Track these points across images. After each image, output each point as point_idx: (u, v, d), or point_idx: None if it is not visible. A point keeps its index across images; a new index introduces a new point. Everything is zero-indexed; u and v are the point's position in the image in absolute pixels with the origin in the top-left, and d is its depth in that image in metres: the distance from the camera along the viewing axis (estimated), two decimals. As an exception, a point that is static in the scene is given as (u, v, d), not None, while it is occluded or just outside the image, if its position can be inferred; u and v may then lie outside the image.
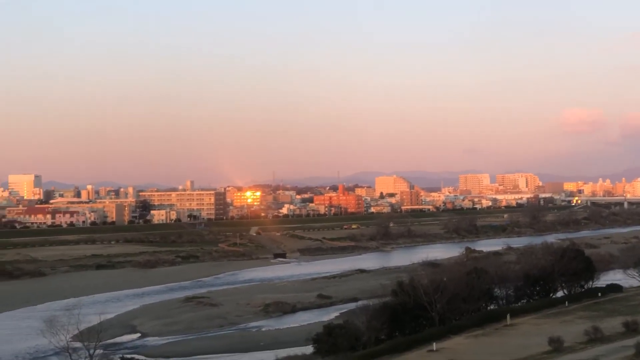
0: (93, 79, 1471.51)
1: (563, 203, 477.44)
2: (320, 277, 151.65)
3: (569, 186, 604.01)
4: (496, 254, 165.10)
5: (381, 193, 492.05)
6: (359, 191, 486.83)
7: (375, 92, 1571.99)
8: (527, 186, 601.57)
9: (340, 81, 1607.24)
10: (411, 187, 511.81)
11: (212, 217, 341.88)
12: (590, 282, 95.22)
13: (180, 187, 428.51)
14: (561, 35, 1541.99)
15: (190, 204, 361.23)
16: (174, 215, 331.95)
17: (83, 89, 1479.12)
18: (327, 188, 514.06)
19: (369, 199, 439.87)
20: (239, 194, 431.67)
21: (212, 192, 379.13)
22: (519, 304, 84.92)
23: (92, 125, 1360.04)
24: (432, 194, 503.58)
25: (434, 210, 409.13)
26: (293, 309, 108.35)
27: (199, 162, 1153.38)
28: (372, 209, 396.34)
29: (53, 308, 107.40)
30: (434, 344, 62.22)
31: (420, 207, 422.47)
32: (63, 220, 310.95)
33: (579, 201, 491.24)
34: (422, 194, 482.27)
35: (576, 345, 60.06)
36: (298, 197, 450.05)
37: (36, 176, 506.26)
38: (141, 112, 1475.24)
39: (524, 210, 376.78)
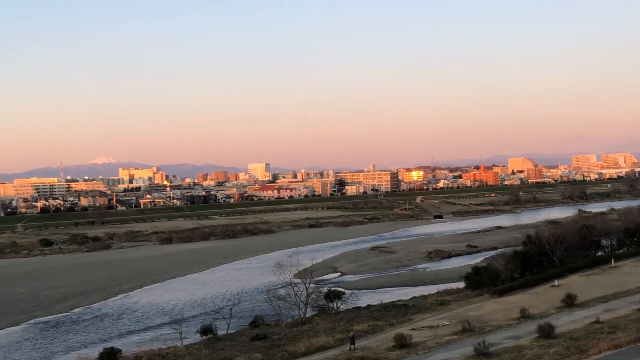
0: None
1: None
2: (468, 232, 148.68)
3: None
4: (602, 213, 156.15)
5: (512, 170, 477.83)
6: (495, 169, 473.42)
7: (518, 91, 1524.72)
8: (625, 163, 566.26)
9: (488, 82, 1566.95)
10: (535, 165, 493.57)
11: (389, 190, 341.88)
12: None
13: (366, 169, 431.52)
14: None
15: (373, 181, 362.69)
16: (361, 189, 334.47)
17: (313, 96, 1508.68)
18: (472, 167, 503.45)
19: (503, 175, 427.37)
20: (407, 173, 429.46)
21: (388, 172, 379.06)
22: (621, 251, 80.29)
23: (305, 124, 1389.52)
24: (551, 170, 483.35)
25: (553, 182, 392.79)
26: (449, 255, 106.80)
27: (379, 150, 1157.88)
28: (506, 182, 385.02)
29: (280, 255, 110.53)
30: (556, 281, 60.02)
31: (542, 180, 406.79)
32: (285, 194, 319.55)
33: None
34: (543, 170, 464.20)
35: (668, 282, 56.27)
36: (450, 174, 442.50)
37: (266, 164, 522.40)
38: (344, 110, 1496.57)
39: (623, 181, 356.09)
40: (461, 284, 64.56)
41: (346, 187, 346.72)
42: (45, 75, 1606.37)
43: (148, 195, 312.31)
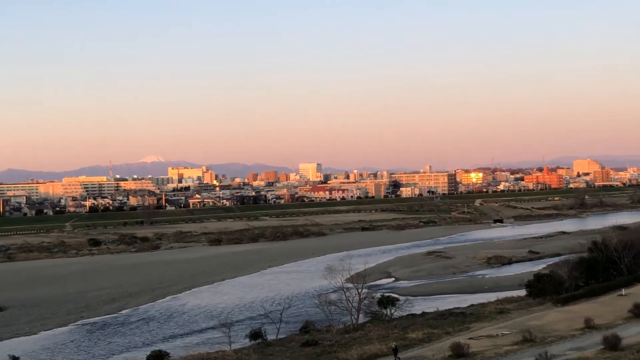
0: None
1: None
2: (530, 237, 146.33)
3: None
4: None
5: (578, 173, 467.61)
6: (560, 171, 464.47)
7: (584, 91, 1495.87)
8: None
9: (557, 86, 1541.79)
10: (602, 167, 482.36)
11: (446, 192, 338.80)
12: None
13: (422, 170, 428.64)
14: None
15: (429, 182, 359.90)
16: (417, 191, 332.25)
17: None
18: (534, 169, 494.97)
19: (568, 177, 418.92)
20: (465, 174, 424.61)
21: (445, 173, 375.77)
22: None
23: (359, 123, 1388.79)
24: (619, 173, 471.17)
25: (621, 185, 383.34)
26: (509, 261, 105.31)
27: (435, 150, 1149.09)
28: (571, 185, 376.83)
29: (331, 258, 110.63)
30: (623, 290, 58.51)
31: (610, 183, 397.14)
32: (337, 195, 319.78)
33: None
34: (611, 173, 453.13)
35: None
36: (511, 176, 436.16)
37: (318, 164, 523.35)
38: (399, 110, 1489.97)
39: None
40: (522, 292, 63.57)
41: (401, 188, 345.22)
42: (96, 73, 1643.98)
43: (197, 195, 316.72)
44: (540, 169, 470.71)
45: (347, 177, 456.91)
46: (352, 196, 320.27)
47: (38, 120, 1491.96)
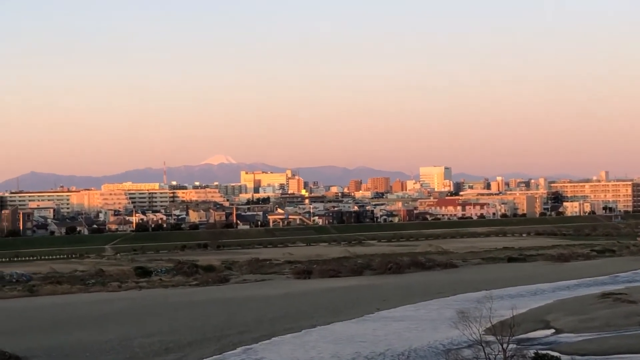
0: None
1: None
2: None
3: None
4: None
5: None
6: None
7: None
8: None
9: None
10: None
11: (629, 209, 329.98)
12: None
13: (594, 178, 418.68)
14: None
15: (605, 195, 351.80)
16: (587, 208, 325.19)
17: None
18: None
19: None
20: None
21: (629, 182, 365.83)
22: None
23: (502, 115, 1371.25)
24: None
25: None
26: None
27: (614, 152, 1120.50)
28: None
29: (464, 300, 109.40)
30: None
31: None
32: (473, 212, 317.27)
33: None
34: None
35: None
36: None
37: (446, 168, 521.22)
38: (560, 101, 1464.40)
39: None
40: None
41: (564, 203, 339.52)
42: (143, 57, 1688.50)
43: (280, 210, 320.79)
44: None
45: (488, 186, 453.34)
46: (494, 213, 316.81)
47: (69, 112, 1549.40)
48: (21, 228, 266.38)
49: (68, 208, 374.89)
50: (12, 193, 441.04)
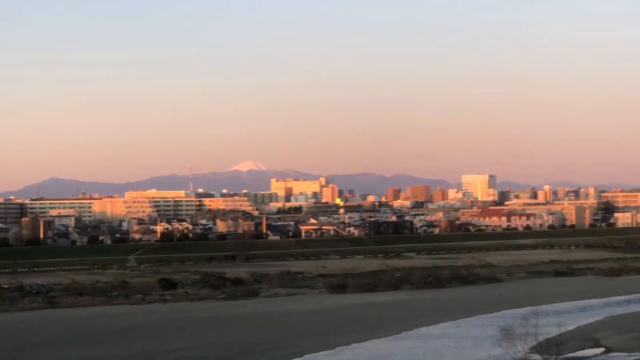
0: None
1: None
2: None
3: None
4: None
5: None
6: None
7: None
8: None
9: None
10: None
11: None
12: None
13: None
14: None
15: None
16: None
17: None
18: None
19: None
20: None
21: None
22: None
23: (550, 120, 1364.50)
24: None
25: None
26: None
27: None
28: None
29: (508, 316, 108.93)
30: None
31: None
32: (518, 223, 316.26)
33: None
34: None
35: None
36: None
37: (490, 176, 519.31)
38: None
39: None
40: None
41: (615, 214, 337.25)
42: (169, 54, 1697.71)
43: (313, 220, 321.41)
44: None
45: (534, 195, 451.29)
46: (541, 224, 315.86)
47: (91, 112, 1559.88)
48: (41, 237, 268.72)
49: (90, 216, 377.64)
50: (32, 200, 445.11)
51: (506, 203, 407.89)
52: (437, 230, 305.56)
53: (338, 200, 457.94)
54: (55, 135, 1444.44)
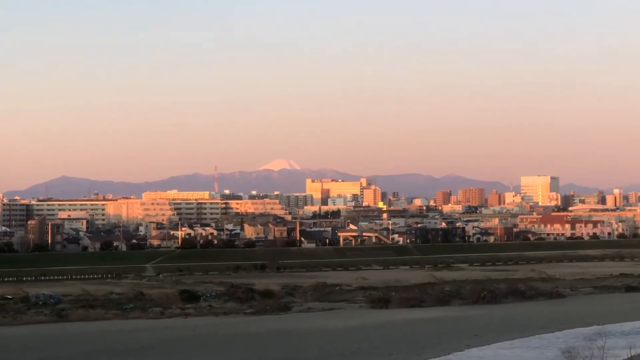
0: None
1: None
2: None
3: None
4: None
5: None
6: None
7: None
8: None
9: None
10: None
11: None
12: None
13: None
14: None
15: None
16: None
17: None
18: None
19: None
20: None
21: None
22: None
23: (619, 117, 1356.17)
24: None
25: None
26: None
27: None
28: None
29: (571, 336, 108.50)
30: None
31: None
32: (584, 231, 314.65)
33: None
34: None
35: None
36: None
37: (553, 178, 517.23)
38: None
39: None
40: None
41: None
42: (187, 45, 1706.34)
43: (352, 226, 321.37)
44: None
45: (602, 200, 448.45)
46: (609, 233, 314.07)
47: (105, 105, 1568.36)
48: (49, 242, 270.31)
49: (103, 219, 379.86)
50: (39, 201, 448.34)
51: (570, 208, 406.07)
52: (492, 239, 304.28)
53: (381, 204, 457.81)
54: (64, 131, 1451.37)
